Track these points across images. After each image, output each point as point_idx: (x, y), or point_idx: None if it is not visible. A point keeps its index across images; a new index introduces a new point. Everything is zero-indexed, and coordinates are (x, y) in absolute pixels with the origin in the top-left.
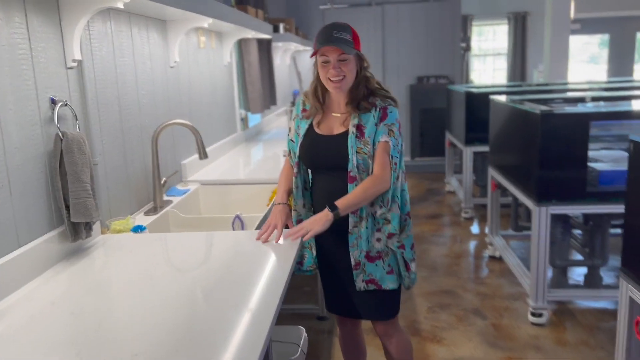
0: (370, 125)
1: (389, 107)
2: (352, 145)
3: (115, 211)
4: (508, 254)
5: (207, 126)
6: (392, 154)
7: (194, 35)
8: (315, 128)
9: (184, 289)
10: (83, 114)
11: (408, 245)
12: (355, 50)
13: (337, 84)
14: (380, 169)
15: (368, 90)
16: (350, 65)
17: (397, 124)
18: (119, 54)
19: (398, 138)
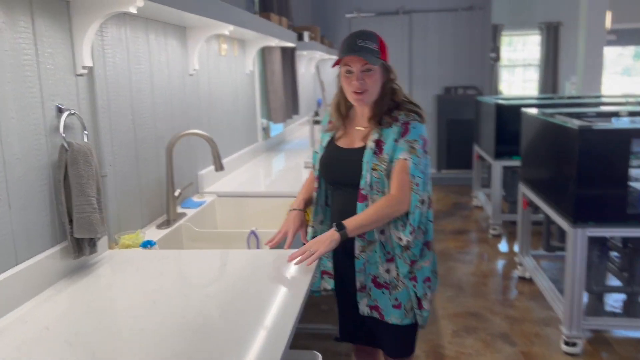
0: (389, 141)
1: (412, 122)
2: (367, 160)
3: (125, 224)
4: (539, 276)
5: (227, 136)
6: (412, 173)
7: (215, 42)
8: (336, 141)
9: (192, 313)
10: (93, 123)
11: (421, 278)
12: (380, 60)
13: (360, 96)
14: (397, 188)
15: (394, 103)
16: (375, 77)
17: (421, 140)
18: (134, 61)
19: (422, 157)
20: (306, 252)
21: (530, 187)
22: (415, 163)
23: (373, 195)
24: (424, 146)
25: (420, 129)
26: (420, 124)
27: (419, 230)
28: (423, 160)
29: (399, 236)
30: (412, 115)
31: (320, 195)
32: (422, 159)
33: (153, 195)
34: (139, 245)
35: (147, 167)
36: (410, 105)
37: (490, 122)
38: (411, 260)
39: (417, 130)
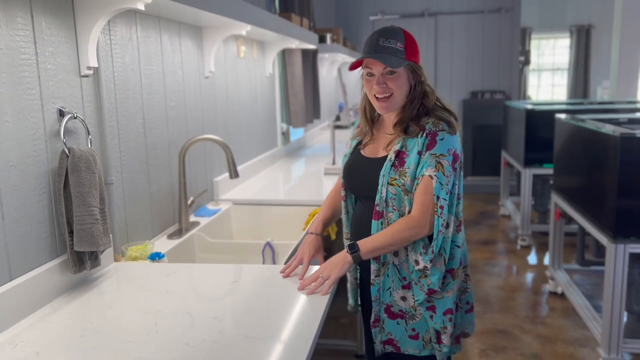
0: (413, 153)
1: (440, 133)
2: (385, 173)
3: (133, 234)
4: (573, 292)
5: (245, 141)
6: (437, 194)
7: (233, 44)
8: (361, 148)
9: (197, 339)
10: (98, 127)
11: (441, 310)
12: (406, 61)
13: (383, 102)
14: (419, 209)
15: (425, 108)
16: (400, 80)
17: (451, 156)
18: (145, 62)
19: (450, 175)
20: (319, 279)
21: (564, 197)
22: (442, 182)
23: (388, 213)
24: (454, 162)
25: (450, 141)
26: (450, 135)
27: (440, 257)
28: (451, 178)
29: (416, 259)
30: (440, 124)
31: (348, 203)
32: (449, 178)
33: (164, 203)
34: (147, 258)
35: (158, 174)
36: (441, 112)
37: (519, 128)
38: (428, 289)
39: (446, 143)
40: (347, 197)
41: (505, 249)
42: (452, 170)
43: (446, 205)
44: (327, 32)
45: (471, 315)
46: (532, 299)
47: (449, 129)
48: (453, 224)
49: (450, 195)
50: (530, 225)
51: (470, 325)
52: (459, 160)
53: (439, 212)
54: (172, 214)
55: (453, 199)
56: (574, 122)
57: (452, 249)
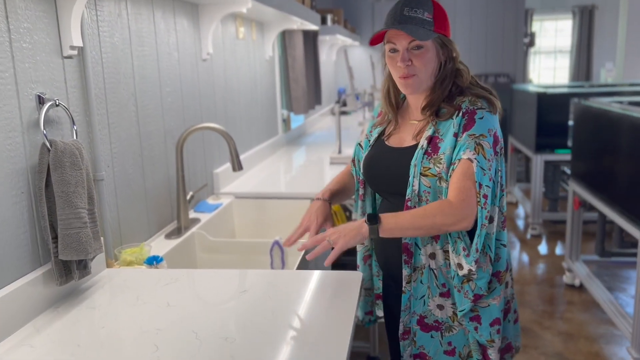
0: (448, 136)
1: (479, 111)
2: (416, 163)
3: (127, 236)
4: (594, 285)
5: (245, 129)
6: (479, 180)
7: (231, 24)
8: (385, 138)
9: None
10: (85, 116)
11: (487, 320)
12: (435, 33)
13: (408, 81)
14: (456, 195)
15: (458, 88)
16: (427, 56)
17: (492, 137)
18: (137, 42)
19: (491, 159)
20: (324, 243)
21: (585, 185)
22: (483, 167)
23: None
24: (495, 145)
25: (491, 120)
26: (491, 114)
27: (485, 256)
28: (493, 163)
29: (459, 262)
30: (479, 102)
31: (367, 204)
32: (491, 162)
33: (161, 200)
34: (143, 262)
35: (154, 167)
36: (478, 90)
37: (529, 113)
38: (474, 295)
39: (486, 122)
40: (366, 195)
41: (515, 238)
42: (494, 153)
43: (490, 194)
44: (328, 12)
45: (518, 326)
46: (549, 292)
47: (490, 107)
48: (497, 219)
49: (492, 183)
50: (542, 214)
51: (517, 337)
52: (500, 143)
53: (482, 202)
54: (170, 210)
55: (496, 188)
56: (597, 106)
57: (497, 248)
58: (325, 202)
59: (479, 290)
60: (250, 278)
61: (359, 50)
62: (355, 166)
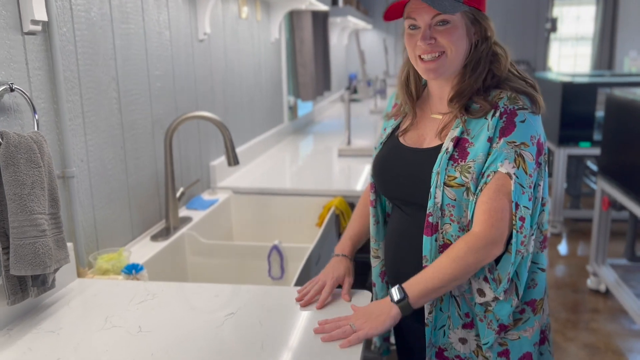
0: (481, 140)
1: (520, 112)
2: (439, 170)
3: (106, 239)
4: (623, 292)
5: (247, 117)
6: (516, 199)
7: (233, 2)
8: (399, 135)
9: None
10: (52, 103)
11: (516, 354)
12: (465, 6)
13: (431, 64)
14: (484, 221)
15: (494, 77)
16: (456, 34)
17: (535, 146)
18: (119, 19)
19: (533, 174)
20: (346, 327)
21: (616, 184)
22: (522, 183)
23: (444, 225)
24: (538, 155)
25: (534, 124)
26: (534, 115)
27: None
28: (534, 178)
29: (480, 287)
30: (520, 99)
31: (379, 210)
32: (532, 178)
33: (147, 197)
34: (121, 271)
35: (139, 160)
36: (518, 83)
37: (553, 103)
38: (499, 325)
39: (529, 126)
40: (378, 201)
41: None
42: (536, 166)
43: (528, 217)
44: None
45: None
46: (571, 297)
47: (532, 107)
48: (536, 240)
49: (533, 200)
50: (563, 211)
51: None
52: (543, 152)
53: (518, 225)
54: (158, 209)
55: (535, 204)
56: (632, 97)
57: (533, 272)
58: (345, 257)
59: (502, 321)
60: (240, 296)
61: (372, 34)
62: None
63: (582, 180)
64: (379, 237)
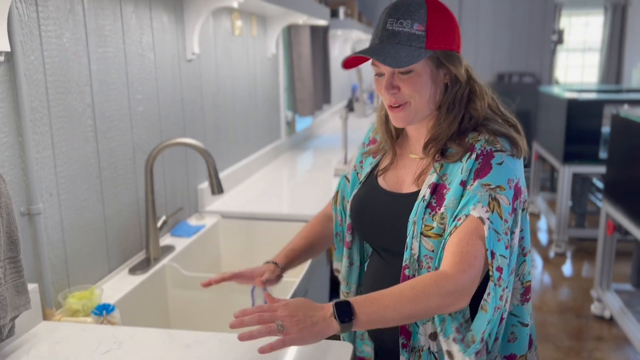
0: (455, 183)
1: (498, 154)
2: (416, 219)
3: (78, 274)
4: (627, 320)
5: (241, 136)
6: (491, 248)
7: (226, 18)
8: (378, 175)
9: None
10: (17, 136)
11: None
12: (426, 52)
13: (397, 112)
14: (457, 263)
15: (472, 120)
16: (419, 81)
17: (512, 189)
18: (96, 43)
19: (509, 219)
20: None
21: (621, 207)
22: (497, 229)
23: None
24: (515, 200)
25: (512, 167)
26: (513, 158)
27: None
28: (511, 224)
29: (448, 349)
30: (498, 141)
31: (354, 252)
32: (509, 223)
33: (127, 227)
34: (91, 312)
35: (118, 190)
36: (498, 124)
37: (558, 120)
38: None
39: (506, 169)
40: (355, 243)
41: (537, 255)
42: (512, 211)
43: (506, 267)
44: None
45: None
46: (575, 323)
47: (512, 150)
48: (517, 292)
49: (510, 250)
50: (567, 230)
51: None
52: (521, 196)
53: (496, 277)
54: (139, 239)
55: (513, 255)
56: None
57: (512, 325)
58: (275, 265)
59: None
60: (213, 347)
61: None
62: (337, 204)
63: (587, 199)
64: (351, 279)
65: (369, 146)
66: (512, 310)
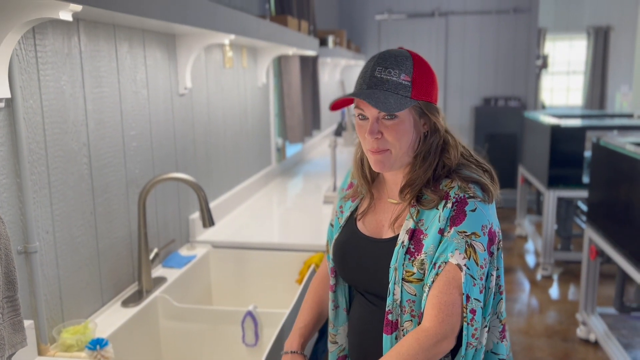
0: (433, 230)
1: (470, 201)
2: (397, 265)
3: (72, 309)
4: (611, 344)
5: (232, 165)
6: (467, 292)
7: (217, 51)
8: (357, 220)
9: None
10: (15, 178)
11: None
12: (412, 101)
13: (378, 156)
14: (435, 316)
15: (445, 167)
16: (402, 128)
17: (486, 236)
18: (92, 83)
19: (485, 265)
20: None
21: (602, 234)
22: (473, 275)
23: (404, 322)
24: (490, 245)
25: (485, 213)
26: (485, 204)
27: None
28: (486, 268)
29: None
30: (470, 188)
31: (339, 294)
32: (484, 269)
33: (120, 260)
34: (85, 347)
35: (112, 224)
36: (471, 170)
37: (542, 145)
38: None
39: (479, 215)
40: (339, 286)
41: (523, 278)
42: (488, 255)
43: (479, 309)
44: (329, 34)
45: None
46: (561, 347)
47: (483, 196)
48: (495, 330)
49: (485, 291)
50: (553, 253)
51: None
52: (496, 239)
53: (469, 318)
54: (132, 271)
55: (488, 295)
56: (618, 150)
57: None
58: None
59: None
60: None
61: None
62: (329, 253)
63: (572, 221)
64: (338, 322)
65: (347, 191)
66: (492, 348)
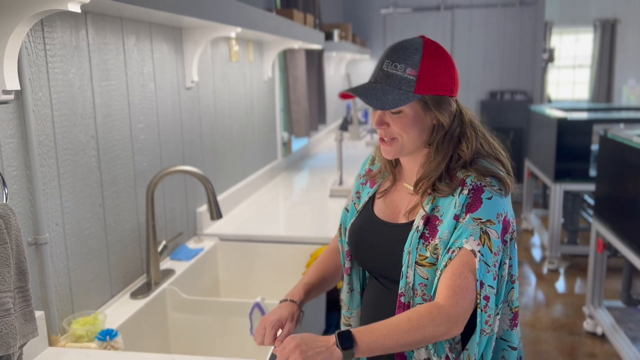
0: (448, 216)
1: (487, 190)
2: (410, 249)
3: (82, 301)
4: (618, 337)
5: (238, 158)
6: (481, 278)
7: (223, 45)
8: (374, 205)
9: None
10: (25, 170)
11: None
12: (412, 97)
13: (386, 145)
14: (448, 296)
15: (460, 159)
16: (405, 121)
17: (501, 224)
18: (100, 76)
19: (498, 252)
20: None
21: (610, 227)
22: (487, 261)
23: (416, 305)
24: (504, 233)
25: (501, 202)
26: (500, 195)
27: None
28: (499, 256)
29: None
30: (488, 178)
31: (354, 278)
32: (497, 256)
33: (128, 252)
34: (95, 337)
35: (120, 217)
36: (487, 162)
37: (548, 139)
38: None
39: (495, 204)
40: (354, 270)
41: (529, 271)
42: (502, 244)
43: (492, 296)
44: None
45: None
46: (568, 340)
47: (499, 186)
48: (506, 318)
49: (498, 279)
50: (560, 246)
51: None
52: (510, 229)
53: (483, 304)
54: (140, 263)
55: (501, 283)
56: (626, 142)
57: (502, 349)
58: (292, 303)
59: None
60: None
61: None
62: (341, 236)
63: (579, 215)
64: (352, 305)
65: (365, 177)
66: (502, 335)
